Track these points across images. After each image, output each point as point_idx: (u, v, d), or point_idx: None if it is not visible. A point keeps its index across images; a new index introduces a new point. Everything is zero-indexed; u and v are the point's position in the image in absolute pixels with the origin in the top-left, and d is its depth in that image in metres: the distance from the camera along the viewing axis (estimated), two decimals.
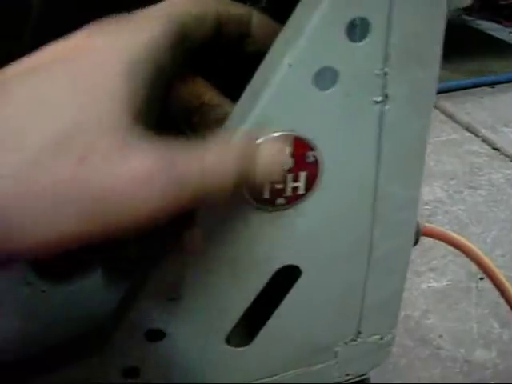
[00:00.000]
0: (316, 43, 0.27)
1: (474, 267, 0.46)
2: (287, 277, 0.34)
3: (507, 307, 0.51)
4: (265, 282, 0.33)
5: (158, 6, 0.26)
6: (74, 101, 0.21)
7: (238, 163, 0.23)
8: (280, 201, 0.30)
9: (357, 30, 0.27)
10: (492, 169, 1.11)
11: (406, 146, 0.31)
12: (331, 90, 0.28)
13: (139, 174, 0.21)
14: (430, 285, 0.77)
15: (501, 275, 0.52)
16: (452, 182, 1.06)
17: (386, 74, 0.28)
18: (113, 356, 0.34)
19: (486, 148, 1.20)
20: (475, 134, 1.26)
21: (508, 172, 1.10)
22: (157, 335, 0.34)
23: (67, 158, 0.20)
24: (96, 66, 0.22)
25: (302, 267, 0.34)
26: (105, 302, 0.36)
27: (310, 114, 0.28)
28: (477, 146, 1.21)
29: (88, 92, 0.21)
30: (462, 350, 0.72)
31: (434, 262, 0.83)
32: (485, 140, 1.23)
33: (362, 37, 0.27)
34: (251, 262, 0.32)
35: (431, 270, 0.81)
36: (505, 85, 1.53)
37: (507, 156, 1.16)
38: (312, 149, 0.29)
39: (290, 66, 0.27)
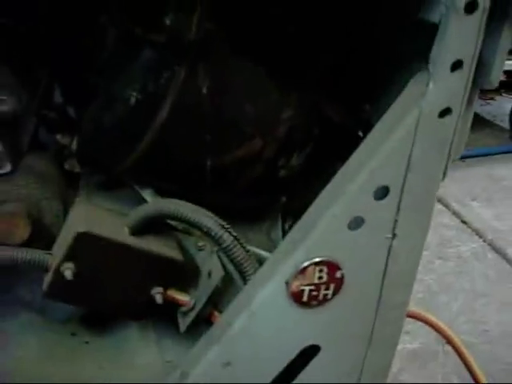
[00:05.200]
0: (351, 202, 0.39)
1: None
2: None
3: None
4: (290, 360, 0.44)
5: None
6: None
7: None
8: (313, 302, 0.42)
9: (380, 191, 0.39)
10: (460, 241, 1.25)
11: (405, 268, 0.44)
12: (358, 230, 0.40)
13: None
14: (404, 346, 0.89)
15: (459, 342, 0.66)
16: (425, 253, 1.18)
17: (397, 220, 0.41)
18: None
19: (455, 221, 1.34)
20: (447, 206, 1.39)
21: (473, 246, 1.22)
22: None
23: None
24: None
25: (321, 346, 0.45)
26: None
27: (341, 246, 0.40)
28: (447, 218, 1.35)
29: None
30: None
31: (409, 326, 0.94)
32: (455, 213, 1.37)
33: (383, 196, 0.39)
34: (281, 344, 0.43)
35: (406, 332, 0.93)
36: (474, 159, 1.68)
37: (473, 230, 1.29)
38: (340, 268, 0.41)
39: (334, 216, 0.39)
